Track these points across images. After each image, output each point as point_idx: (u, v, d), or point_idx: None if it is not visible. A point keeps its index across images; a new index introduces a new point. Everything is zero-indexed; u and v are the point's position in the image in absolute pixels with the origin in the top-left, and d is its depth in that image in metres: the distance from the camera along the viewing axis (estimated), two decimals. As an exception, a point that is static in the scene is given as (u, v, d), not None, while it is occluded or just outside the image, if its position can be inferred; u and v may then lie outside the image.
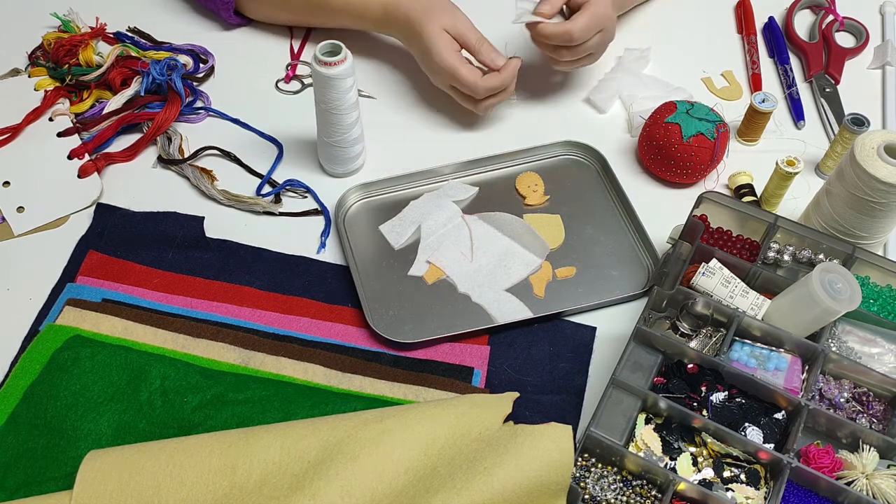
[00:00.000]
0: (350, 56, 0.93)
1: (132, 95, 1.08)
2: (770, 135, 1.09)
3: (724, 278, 0.88)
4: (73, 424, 0.81)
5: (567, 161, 1.07)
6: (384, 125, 1.10)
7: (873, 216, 0.90)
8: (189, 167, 1.03)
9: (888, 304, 0.90)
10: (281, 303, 0.93)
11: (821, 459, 0.78)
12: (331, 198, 1.02)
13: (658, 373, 0.85)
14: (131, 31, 1.18)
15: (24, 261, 0.96)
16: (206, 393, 0.84)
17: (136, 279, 0.93)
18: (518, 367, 0.89)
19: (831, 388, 0.85)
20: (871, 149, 0.88)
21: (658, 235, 0.98)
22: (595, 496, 0.78)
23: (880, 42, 1.23)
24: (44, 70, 1.11)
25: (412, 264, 0.97)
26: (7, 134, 1.04)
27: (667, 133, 1.00)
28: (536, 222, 1.00)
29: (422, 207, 1.01)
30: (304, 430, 0.77)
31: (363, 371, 0.87)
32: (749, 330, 0.87)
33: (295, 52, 1.18)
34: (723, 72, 1.18)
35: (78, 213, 1.00)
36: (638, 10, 1.25)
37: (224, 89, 1.13)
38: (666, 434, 0.82)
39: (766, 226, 0.93)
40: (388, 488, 0.73)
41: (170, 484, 0.73)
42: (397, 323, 0.92)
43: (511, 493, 0.73)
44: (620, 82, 1.13)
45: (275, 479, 0.74)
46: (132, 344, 0.87)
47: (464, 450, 0.75)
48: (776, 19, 1.25)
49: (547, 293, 0.95)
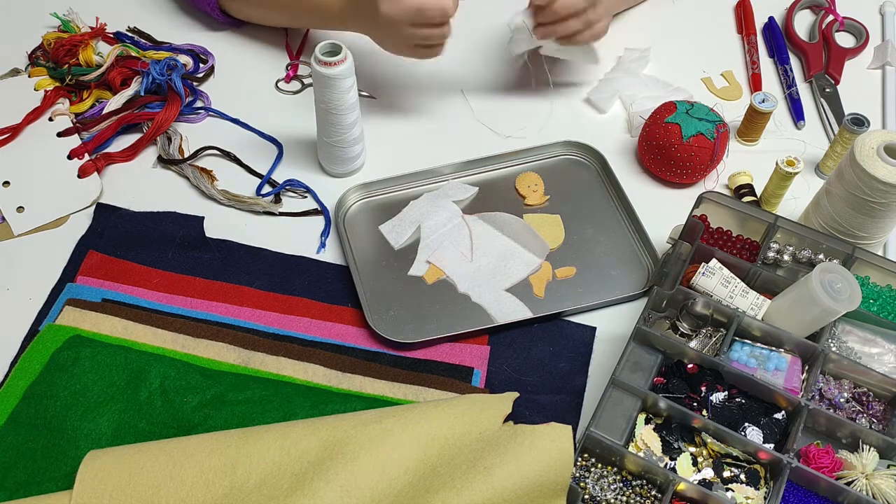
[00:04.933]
0: (350, 56, 0.93)
1: (132, 95, 1.08)
2: (770, 135, 1.09)
3: (724, 278, 0.88)
4: (72, 424, 0.81)
5: (567, 161, 1.07)
6: (384, 125, 1.10)
7: (873, 216, 0.90)
8: (189, 167, 1.03)
9: (888, 304, 0.90)
10: (281, 303, 0.93)
11: (821, 459, 0.78)
12: (331, 198, 1.02)
13: (658, 373, 0.85)
14: (131, 31, 1.18)
15: (24, 261, 0.96)
16: (206, 393, 0.84)
17: (136, 279, 0.93)
18: (518, 367, 0.89)
19: (831, 388, 0.85)
20: (870, 149, 0.88)
21: (658, 235, 0.98)
22: (595, 496, 0.78)
23: (880, 42, 1.23)
24: (44, 70, 1.11)
25: (412, 264, 0.97)
26: (7, 134, 1.04)
27: (667, 133, 1.00)
28: (536, 222, 1.00)
29: (422, 207, 1.01)
30: (304, 430, 0.77)
31: (363, 371, 0.87)
32: (749, 330, 0.87)
33: (292, 52, 1.18)
34: (723, 72, 1.18)
35: (78, 213, 1.00)
36: (638, 10, 1.25)
37: (224, 89, 1.13)
38: (666, 434, 0.82)
39: (766, 226, 0.93)
40: (388, 488, 0.73)
41: (169, 484, 0.73)
42: (397, 323, 0.92)
43: (511, 493, 0.73)
44: (620, 82, 1.13)
45: (274, 479, 0.74)
46: (132, 344, 0.87)
47: (464, 450, 0.75)
48: (776, 19, 1.25)
49: (547, 293, 0.95)
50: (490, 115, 1.12)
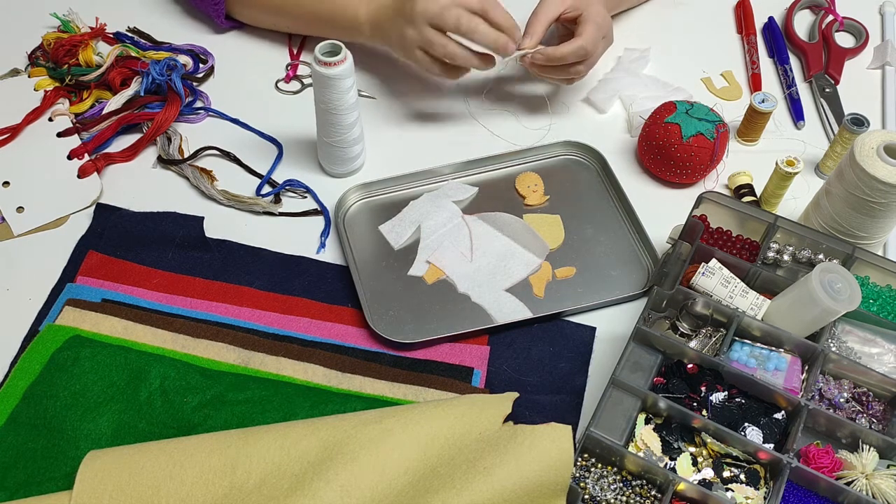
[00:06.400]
0: (350, 56, 0.93)
1: (132, 95, 1.08)
2: (770, 135, 1.09)
3: (724, 278, 0.88)
4: (72, 424, 0.81)
5: (567, 161, 1.07)
6: (384, 125, 1.10)
7: (873, 216, 0.90)
8: (189, 167, 1.03)
9: (888, 304, 0.90)
10: (281, 303, 0.93)
11: (820, 459, 0.78)
12: (331, 198, 1.02)
13: (658, 373, 0.85)
14: (131, 31, 1.18)
15: (24, 261, 0.96)
16: (206, 393, 0.84)
17: (135, 279, 0.93)
18: (518, 367, 0.89)
19: (831, 388, 0.85)
20: (870, 149, 0.88)
21: (658, 235, 0.98)
22: (595, 496, 0.78)
23: (880, 42, 1.23)
24: (44, 70, 1.11)
25: (412, 264, 0.97)
26: (7, 134, 1.04)
27: (667, 133, 1.00)
28: (536, 222, 1.00)
29: (422, 207, 1.01)
30: (304, 430, 0.77)
31: (363, 371, 0.87)
32: (749, 330, 0.87)
33: (293, 52, 1.18)
34: (722, 72, 1.18)
35: (78, 213, 1.00)
36: (638, 10, 1.25)
37: (224, 89, 1.13)
38: (666, 434, 0.82)
39: (766, 226, 0.93)
40: (388, 488, 0.73)
41: (169, 484, 0.73)
42: (397, 323, 0.92)
43: (511, 493, 0.73)
44: (620, 82, 1.13)
45: (274, 480, 0.74)
46: (132, 344, 0.87)
47: (464, 450, 0.75)
48: (776, 19, 1.25)
49: (547, 293, 0.95)
50: (490, 115, 1.12)
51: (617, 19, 1.22)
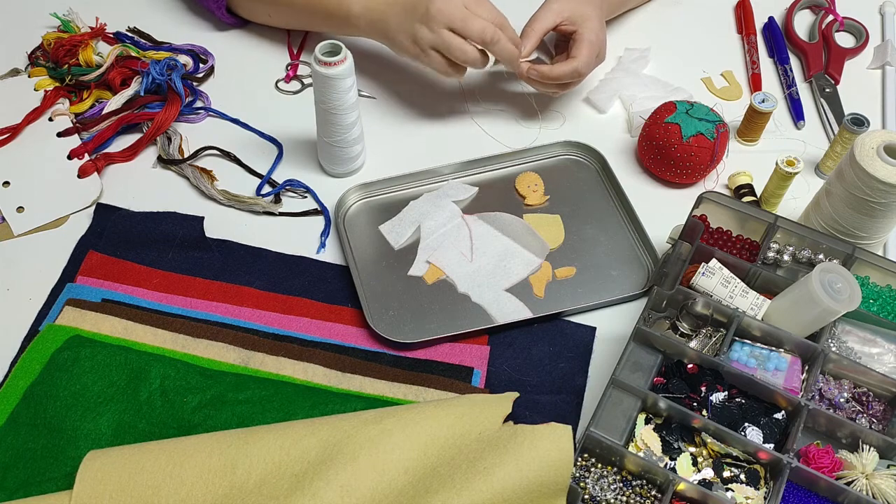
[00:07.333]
0: (350, 56, 0.93)
1: (132, 95, 1.08)
2: (770, 135, 1.09)
3: (724, 278, 0.88)
4: (72, 424, 0.81)
5: (567, 161, 1.07)
6: (384, 125, 1.10)
7: (873, 216, 0.90)
8: (189, 167, 1.03)
9: (888, 304, 0.90)
10: (281, 303, 0.93)
11: (820, 459, 0.78)
12: (331, 198, 1.02)
13: (658, 373, 0.85)
14: (131, 31, 1.18)
15: (24, 261, 0.96)
16: (206, 393, 0.84)
17: (135, 279, 0.93)
18: (518, 367, 0.89)
19: (831, 388, 0.85)
20: (870, 149, 0.88)
21: (658, 235, 0.98)
22: (595, 496, 0.78)
23: (880, 42, 1.23)
24: (44, 70, 1.11)
25: (412, 264, 0.97)
26: (7, 134, 1.04)
27: (667, 133, 1.00)
28: (536, 222, 1.00)
29: (422, 207, 1.01)
30: (304, 430, 0.77)
31: (363, 371, 0.87)
32: (749, 330, 0.87)
33: (293, 51, 1.18)
34: (723, 72, 1.18)
35: (78, 213, 1.00)
36: (638, 10, 1.25)
37: (224, 89, 1.13)
38: (666, 434, 0.82)
39: (766, 226, 0.93)
40: (388, 488, 0.73)
41: (169, 484, 0.73)
42: (397, 323, 0.92)
43: (511, 493, 0.73)
44: (620, 82, 1.14)
45: (274, 479, 0.74)
46: (132, 344, 0.87)
47: (464, 450, 0.75)
48: (776, 19, 1.25)
49: (547, 293, 0.95)
50: (490, 115, 1.12)
51: (617, 19, 1.22)
